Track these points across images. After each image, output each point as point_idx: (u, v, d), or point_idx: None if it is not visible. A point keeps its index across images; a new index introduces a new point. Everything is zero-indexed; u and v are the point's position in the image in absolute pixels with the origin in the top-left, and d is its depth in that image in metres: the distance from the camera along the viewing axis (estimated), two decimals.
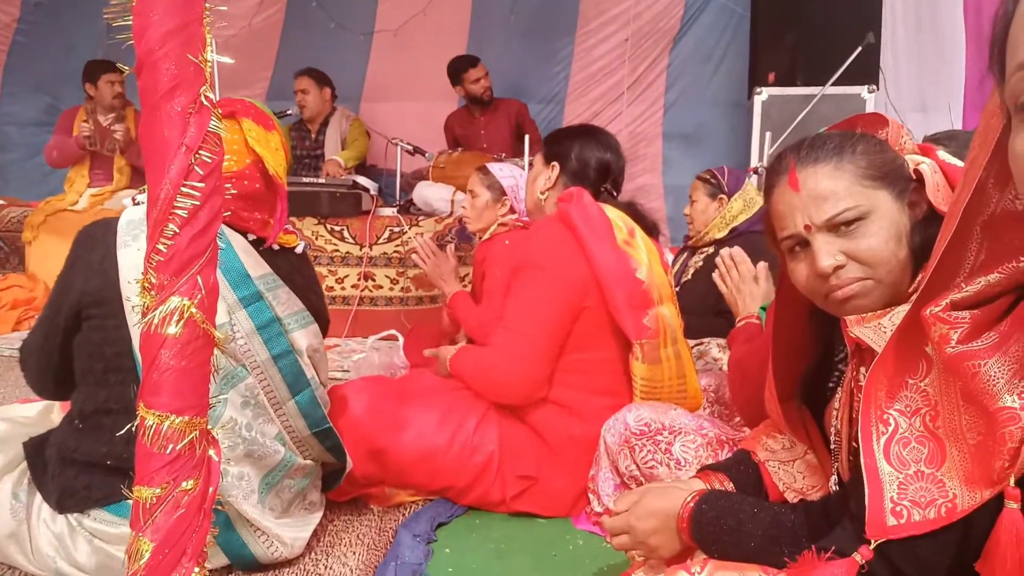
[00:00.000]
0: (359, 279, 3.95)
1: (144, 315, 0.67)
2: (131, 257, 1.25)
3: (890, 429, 0.77)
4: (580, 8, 5.03)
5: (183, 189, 0.66)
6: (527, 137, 3.72)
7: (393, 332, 2.52)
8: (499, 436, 1.78)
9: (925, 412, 0.76)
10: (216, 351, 1.30)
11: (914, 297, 0.80)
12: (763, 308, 1.69)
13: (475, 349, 1.92)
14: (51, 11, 5.65)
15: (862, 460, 0.78)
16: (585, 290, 1.74)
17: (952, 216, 0.70)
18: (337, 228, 3.98)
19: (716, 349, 2.27)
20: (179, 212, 0.66)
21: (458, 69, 4.66)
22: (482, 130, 4.74)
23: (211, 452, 0.71)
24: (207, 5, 0.71)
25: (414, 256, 2.65)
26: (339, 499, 1.75)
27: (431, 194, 4.03)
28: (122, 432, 0.80)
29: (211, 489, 0.70)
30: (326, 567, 1.50)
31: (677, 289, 2.65)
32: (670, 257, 2.98)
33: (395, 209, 4.03)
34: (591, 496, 1.72)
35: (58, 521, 1.32)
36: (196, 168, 0.67)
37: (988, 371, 0.67)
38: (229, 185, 1.33)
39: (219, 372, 1.32)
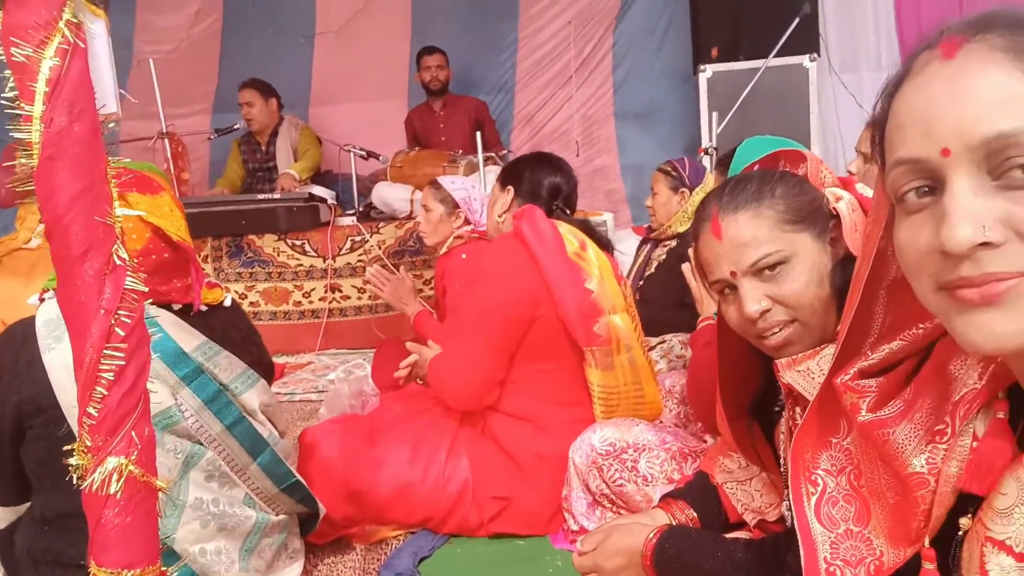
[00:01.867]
0: (326, 291, 3.95)
1: (83, 478, 0.68)
2: (59, 359, 1.23)
3: (819, 489, 0.81)
4: None
5: (106, 352, 0.67)
6: (478, 134, 3.71)
7: (360, 361, 2.53)
8: (470, 461, 1.82)
9: (849, 471, 0.79)
10: (170, 434, 1.31)
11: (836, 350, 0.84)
12: None
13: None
14: None
15: (795, 521, 0.81)
16: (535, 300, 1.80)
17: (856, 287, 0.73)
18: (298, 243, 3.96)
19: (679, 346, 2.31)
20: (105, 375, 0.67)
21: (419, 54, 4.66)
22: (441, 124, 4.72)
23: None
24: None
25: (369, 287, 2.66)
26: (320, 542, 1.77)
27: (390, 194, 4.01)
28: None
29: None
30: None
31: (640, 282, 2.70)
32: (631, 239, 3.02)
33: (354, 217, 4.01)
34: (566, 515, 1.76)
35: None
36: (117, 330, 0.67)
37: (896, 438, 0.71)
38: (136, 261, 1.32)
39: (178, 455, 1.33)
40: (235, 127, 4.41)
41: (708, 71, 3.82)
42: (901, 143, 0.60)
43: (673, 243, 2.63)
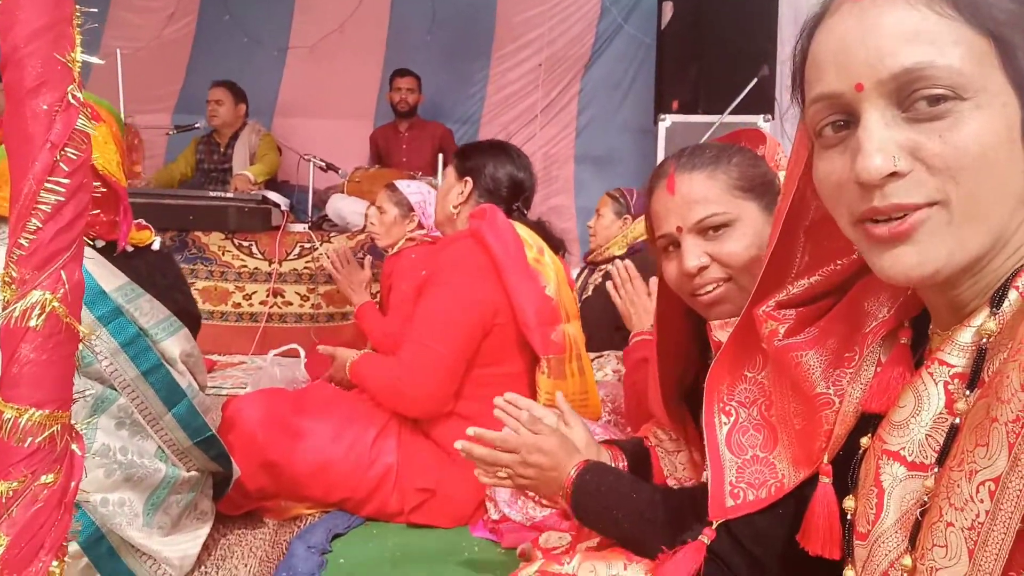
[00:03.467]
0: (268, 295, 3.89)
1: (3, 308, 0.67)
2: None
3: (731, 419, 0.84)
4: (496, 32, 5.14)
5: (47, 185, 0.67)
6: (440, 157, 3.76)
7: (295, 347, 2.49)
8: (398, 448, 1.80)
9: (761, 402, 0.83)
10: (82, 375, 1.27)
11: None
12: None
13: (380, 358, 1.92)
14: None
15: (707, 449, 0.84)
16: (495, 308, 1.77)
17: (776, 224, 0.78)
18: (245, 243, 3.91)
19: (614, 361, 2.35)
20: (43, 208, 0.67)
21: (392, 75, 4.73)
22: (404, 145, 4.77)
23: (74, 447, 0.71)
24: (78, 8, 0.72)
25: (326, 263, 2.63)
26: (232, 513, 1.72)
27: (345, 207, 4.01)
28: None
29: (73, 484, 0.70)
30: None
31: (579, 305, 2.74)
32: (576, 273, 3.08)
33: (307, 225, 3.99)
34: (488, 504, 1.75)
35: None
36: (61, 165, 0.67)
37: (808, 361, 0.75)
38: None
39: (87, 398, 1.28)
40: (196, 125, 4.38)
41: (668, 121, 3.98)
42: (818, 80, 0.64)
43: (609, 266, 2.69)
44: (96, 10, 0.77)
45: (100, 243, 1.40)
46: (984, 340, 0.60)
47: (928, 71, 0.57)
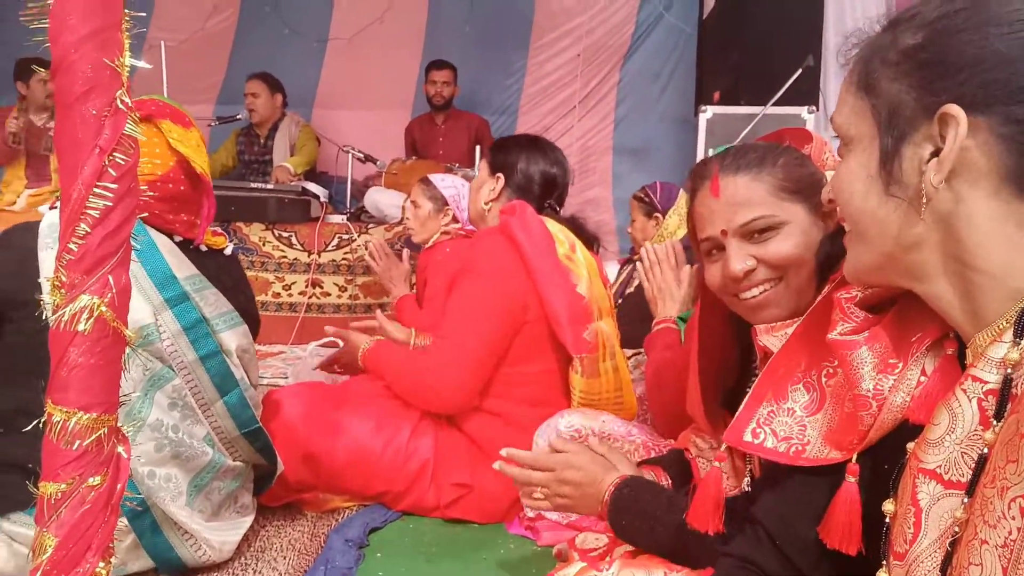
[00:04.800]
0: (307, 286, 3.93)
1: (54, 312, 0.67)
2: (53, 258, 1.24)
3: (788, 369, 0.84)
4: (534, 22, 5.10)
5: (96, 190, 0.67)
6: (477, 149, 3.75)
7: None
8: (434, 444, 1.80)
9: (826, 367, 0.83)
10: (144, 352, 1.31)
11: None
12: (682, 319, 1.75)
13: (398, 348, 1.93)
14: None
15: (755, 383, 0.84)
16: (525, 305, 1.76)
17: None
18: (285, 234, 3.95)
19: None
20: (91, 212, 0.67)
21: (428, 67, 4.72)
22: (441, 137, 4.77)
23: (120, 449, 0.72)
24: (126, 12, 0.73)
25: (366, 255, 2.64)
26: (272, 504, 1.74)
27: (383, 200, 4.03)
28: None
29: (119, 486, 0.71)
30: (255, 571, 1.50)
31: (619, 300, 2.72)
32: (614, 269, 3.06)
33: (345, 216, 4.02)
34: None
35: None
36: (109, 170, 0.68)
37: (854, 360, 0.75)
38: (146, 188, 1.33)
39: (146, 372, 1.32)
40: (237, 117, 4.43)
41: (709, 112, 3.91)
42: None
43: (641, 250, 2.68)
44: (143, 14, 0.77)
45: (178, 238, 1.45)
46: (1010, 371, 0.60)
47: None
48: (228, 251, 1.56)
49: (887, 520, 0.69)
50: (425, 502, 1.78)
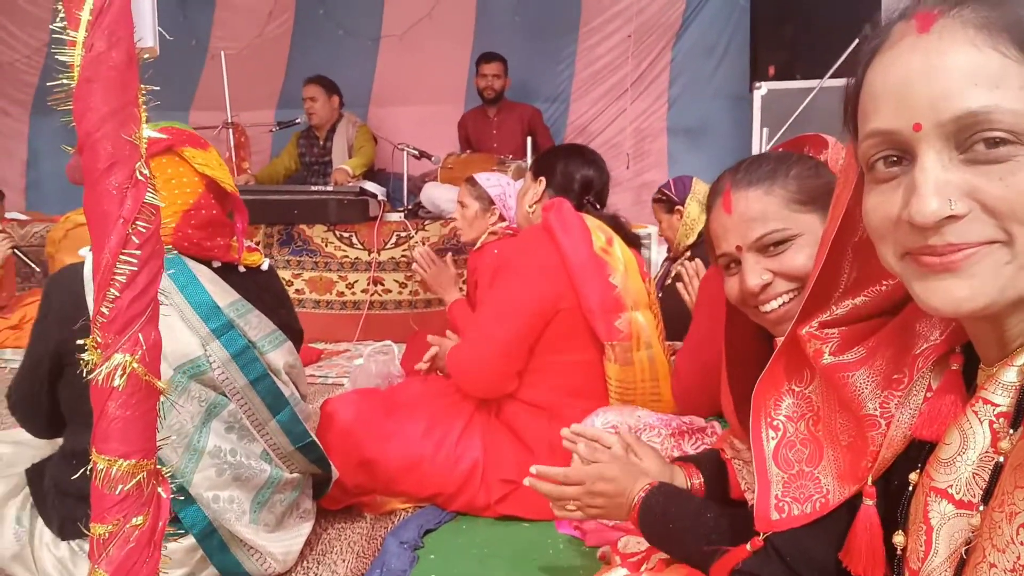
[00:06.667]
0: (369, 284, 4.04)
1: (92, 371, 0.74)
2: None
3: (779, 434, 0.84)
4: (583, 6, 5.06)
5: (122, 257, 0.73)
6: (528, 140, 3.77)
7: (389, 344, 2.60)
8: (482, 443, 1.86)
9: (809, 417, 0.83)
10: (197, 383, 1.39)
11: None
12: None
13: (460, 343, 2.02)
14: None
15: (754, 463, 0.84)
16: (559, 293, 1.82)
17: (824, 244, 0.76)
18: (346, 235, 4.07)
19: None
20: (119, 278, 0.74)
21: (478, 60, 4.77)
22: (494, 130, 4.81)
23: (160, 490, 0.79)
24: (143, 87, 0.78)
25: (414, 265, 2.72)
26: (332, 507, 1.83)
27: (439, 195, 4.10)
28: None
29: (160, 524, 0.78)
30: (315, 575, 1.58)
31: (660, 294, 2.73)
32: (657, 267, 3.07)
33: (402, 214, 4.11)
34: None
35: (60, 547, 1.41)
36: (133, 238, 0.74)
37: (855, 381, 0.74)
38: (182, 221, 1.40)
39: (202, 404, 1.39)
40: (296, 121, 4.57)
41: (763, 88, 3.81)
42: (874, 114, 0.62)
43: (677, 266, 2.70)
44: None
45: (216, 264, 1.51)
46: None
47: (993, 115, 0.56)
48: (265, 267, 1.61)
49: (899, 552, 0.70)
50: (477, 501, 1.84)
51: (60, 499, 1.39)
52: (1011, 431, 0.60)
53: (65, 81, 0.75)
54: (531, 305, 1.82)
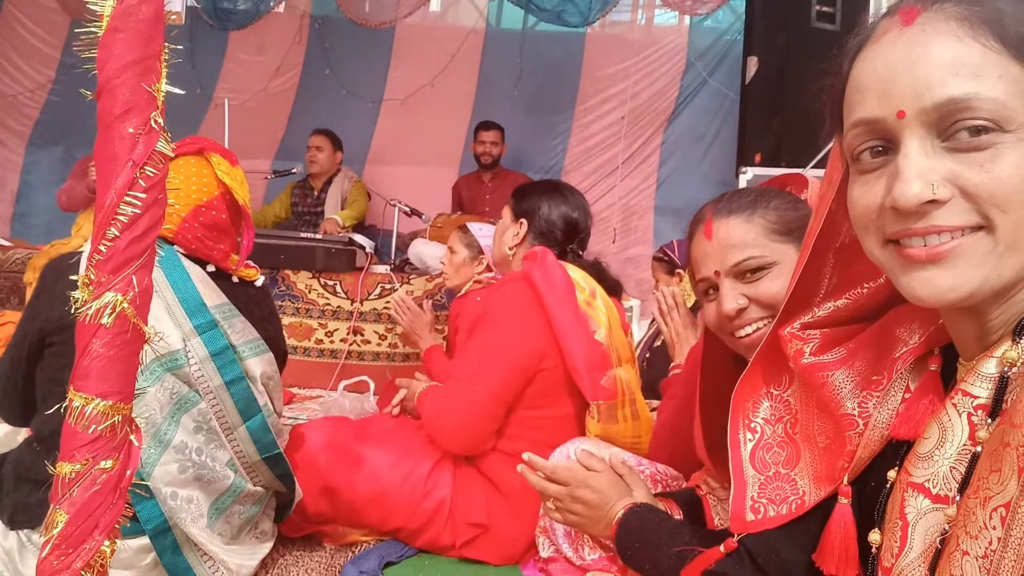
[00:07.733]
0: (348, 333, 4.03)
1: (81, 307, 0.74)
2: None
3: (756, 436, 0.84)
4: (580, 86, 5.26)
5: (126, 198, 0.75)
6: None
7: (365, 379, 2.57)
8: (452, 482, 1.82)
9: (787, 419, 0.84)
10: (172, 376, 1.38)
11: None
12: None
13: (436, 391, 1.96)
14: (83, 77, 5.92)
15: (731, 464, 0.84)
16: (541, 353, 1.77)
17: (806, 245, 0.79)
18: (330, 283, 4.08)
19: None
20: (120, 218, 0.75)
21: (477, 127, 4.89)
22: (488, 195, 4.90)
23: (132, 438, 0.77)
24: (166, 44, 0.81)
25: (391, 311, 2.72)
26: (292, 535, 1.78)
27: (426, 251, 4.13)
28: None
29: (128, 472, 0.76)
30: None
31: (648, 353, 2.73)
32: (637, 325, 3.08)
33: (388, 267, 4.13)
34: (541, 539, 1.74)
35: (9, 537, 1.36)
36: (140, 181, 0.75)
37: (835, 380, 0.75)
38: (192, 212, 1.42)
39: (173, 396, 1.38)
40: (293, 171, 4.64)
41: (749, 173, 3.95)
42: (860, 104, 0.65)
43: (656, 292, 2.70)
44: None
45: (211, 268, 1.53)
46: (1007, 369, 0.59)
47: (973, 102, 0.58)
48: (259, 283, 1.63)
49: (873, 550, 0.70)
50: (441, 540, 1.79)
51: (16, 485, 1.35)
52: (989, 420, 0.60)
53: (93, 29, 0.78)
54: (513, 362, 1.76)
